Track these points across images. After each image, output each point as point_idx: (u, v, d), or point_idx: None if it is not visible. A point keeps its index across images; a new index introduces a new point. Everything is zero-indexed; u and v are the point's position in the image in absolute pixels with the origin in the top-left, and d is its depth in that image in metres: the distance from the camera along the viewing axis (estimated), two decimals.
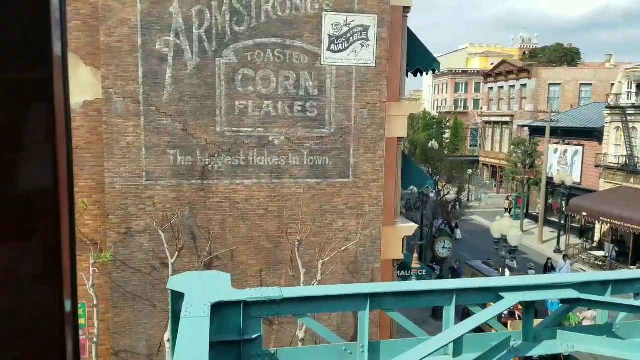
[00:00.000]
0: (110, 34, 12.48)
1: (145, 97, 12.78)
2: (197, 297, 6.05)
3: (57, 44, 0.72)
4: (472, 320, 5.88)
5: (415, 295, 6.45)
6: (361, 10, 13.67)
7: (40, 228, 0.77)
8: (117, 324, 13.31)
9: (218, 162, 13.39)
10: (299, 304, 6.29)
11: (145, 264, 13.27)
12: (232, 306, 5.98)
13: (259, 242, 13.87)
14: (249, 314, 6.07)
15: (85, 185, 13.47)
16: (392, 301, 6.36)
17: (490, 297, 6.39)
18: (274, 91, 13.49)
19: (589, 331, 6.54)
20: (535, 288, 6.32)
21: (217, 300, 5.95)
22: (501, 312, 6.24)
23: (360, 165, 14.14)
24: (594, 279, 6.53)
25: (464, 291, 6.39)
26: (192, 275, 7.99)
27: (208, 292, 6.40)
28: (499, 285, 6.38)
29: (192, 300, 5.95)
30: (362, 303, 6.24)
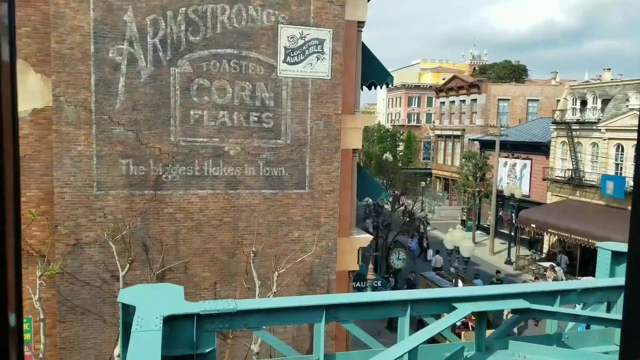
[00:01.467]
0: (62, 41, 12.20)
1: (97, 106, 12.53)
2: (148, 310, 5.94)
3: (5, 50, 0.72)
4: (426, 331, 5.98)
5: (370, 307, 6.52)
6: (317, 24, 13.83)
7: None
8: (65, 339, 12.88)
9: (172, 172, 13.21)
10: (253, 316, 6.26)
11: (95, 277, 12.91)
12: (184, 319, 5.90)
13: (213, 254, 13.73)
14: (202, 327, 6.00)
15: (33, 195, 13.04)
16: (348, 313, 6.41)
17: (444, 307, 6.52)
18: (229, 101, 13.46)
19: (540, 341, 6.75)
20: (487, 298, 6.49)
21: (169, 314, 5.86)
22: (454, 322, 6.37)
23: (316, 177, 14.22)
24: (543, 289, 6.76)
25: (418, 302, 6.50)
26: (144, 287, 7.85)
27: (160, 305, 6.30)
28: (452, 296, 6.52)
29: (143, 313, 5.84)
30: (317, 315, 6.26)
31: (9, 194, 0.74)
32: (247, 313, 6.19)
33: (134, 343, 5.12)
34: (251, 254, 13.00)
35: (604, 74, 64.43)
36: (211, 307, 6.13)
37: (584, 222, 28.98)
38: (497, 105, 53.18)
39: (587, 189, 32.67)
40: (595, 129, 32.39)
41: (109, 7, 12.40)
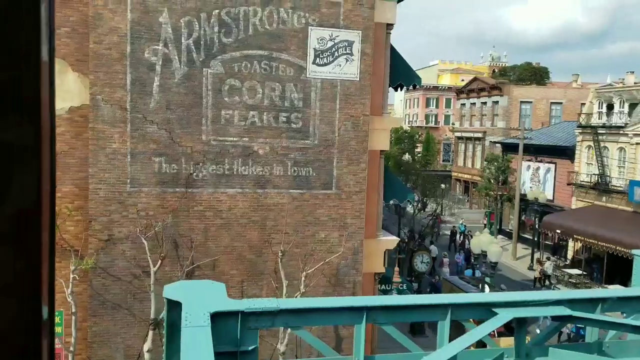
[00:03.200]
0: (100, 42, 12.51)
1: (132, 105, 12.81)
2: (195, 306, 6.11)
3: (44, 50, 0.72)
4: (469, 336, 6.04)
5: (410, 310, 6.60)
6: (346, 26, 13.96)
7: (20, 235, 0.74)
8: (95, 333, 13.18)
9: (202, 171, 13.45)
10: (295, 315, 6.38)
11: (126, 272, 13.20)
12: (229, 316, 6.04)
13: (241, 252, 13.93)
14: (245, 325, 6.14)
15: (68, 190, 13.38)
16: (388, 315, 6.50)
17: (484, 312, 6.56)
18: (259, 102, 13.65)
19: (580, 349, 6.75)
20: (528, 304, 6.52)
21: (215, 310, 6.03)
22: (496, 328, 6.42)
23: (343, 177, 14.35)
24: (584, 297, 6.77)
25: (458, 306, 6.55)
26: (188, 284, 8.05)
27: (205, 301, 6.47)
28: (492, 301, 6.56)
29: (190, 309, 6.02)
30: (358, 316, 6.37)
31: (45, 193, 0.77)
32: (290, 312, 6.31)
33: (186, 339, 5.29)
34: (279, 253, 13.16)
35: (627, 76, 63.69)
36: (255, 305, 6.28)
37: (612, 228, 28.61)
38: (520, 107, 52.69)
39: (613, 195, 32.27)
40: (622, 134, 32.00)
41: (146, 8, 12.67)
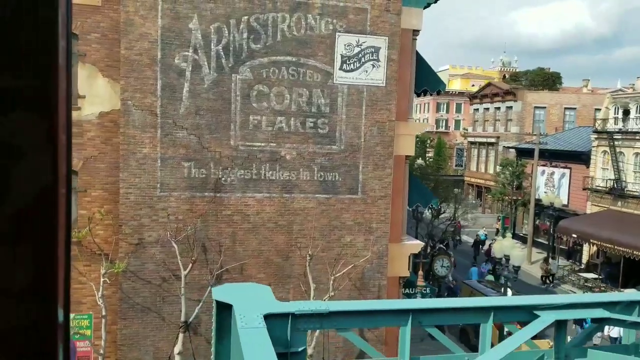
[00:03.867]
0: (131, 47, 12.69)
1: (163, 110, 12.98)
2: (248, 308, 6.23)
3: (62, 53, 0.73)
4: (514, 339, 6.12)
5: (454, 312, 6.70)
6: (373, 32, 14.08)
7: (36, 237, 0.75)
8: (125, 336, 13.32)
9: (231, 176, 13.58)
10: (343, 317, 6.49)
11: (156, 276, 13.34)
12: (280, 318, 6.16)
13: (268, 256, 14.04)
14: (295, 327, 6.25)
15: (97, 195, 13.56)
16: (432, 318, 6.61)
17: (526, 315, 6.65)
18: (287, 107, 13.78)
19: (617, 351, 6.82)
20: (568, 307, 6.60)
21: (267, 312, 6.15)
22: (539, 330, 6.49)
23: (369, 182, 14.44)
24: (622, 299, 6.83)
25: (501, 309, 6.65)
26: (235, 286, 8.19)
27: (256, 303, 6.60)
28: (534, 304, 6.64)
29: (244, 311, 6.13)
30: (404, 318, 6.47)
31: (61, 194, 0.76)
32: (338, 314, 6.42)
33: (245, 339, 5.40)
34: (307, 257, 13.26)
35: (637, 82, 63.45)
36: (305, 308, 6.40)
37: (628, 233, 28.50)
38: (533, 113, 52.59)
39: (629, 200, 32.13)
40: (638, 139, 31.89)
41: (176, 15, 12.85)
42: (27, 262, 0.75)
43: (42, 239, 0.75)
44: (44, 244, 0.75)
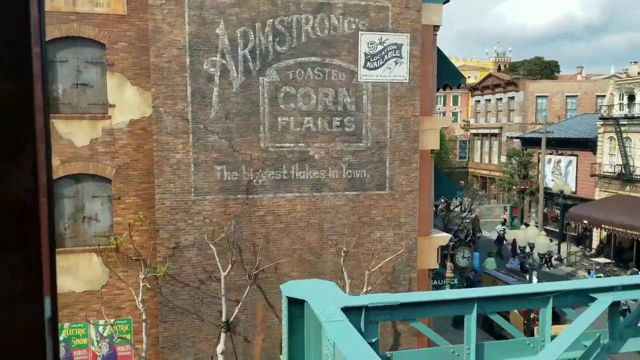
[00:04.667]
0: (160, 55, 12.89)
1: (194, 115, 13.18)
2: (324, 302, 6.47)
3: (36, 60, 0.73)
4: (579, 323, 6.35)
5: (516, 299, 6.94)
6: (395, 30, 14.29)
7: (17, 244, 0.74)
8: (166, 339, 13.54)
9: (262, 177, 13.80)
10: (412, 308, 6.73)
11: (194, 278, 13.56)
12: (355, 311, 6.40)
13: (301, 254, 14.26)
14: (368, 319, 6.50)
15: (131, 201, 13.77)
16: (495, 305, 6.85)
17: (583, 299, 6.90)
18: (314, 107, 14.00)
19: None
20: (626, 288, 6.85)
21: (343, 306, 6.39)
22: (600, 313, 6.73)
23: (396, 178, 14.67)
24: None
25: (559, 294, 6.89)
26: (302, 283, 8.42)
27: (329, 298, 6.85)
28: (591, 287, 6.89)
29: (321, 306, 6.38)
30: (469, 307, 6.72)
31: (42, 200, 0.75)
32: (407, 306, 6.65)
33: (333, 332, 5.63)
34: (342, 253, 13.48)
35: (630, 67, 63.84)
36: (377, 300, 6.64)
37: (639, 217, 28.84)
38: (536, 102, 52.87)
39: (637, 184, 32.41)
40: None
41: (203, 21, 13.04)
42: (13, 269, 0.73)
43: (23, 247, 0.74)
44: (26, 252, 0.74)
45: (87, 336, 13.77)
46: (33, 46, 0.73)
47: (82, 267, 13.57)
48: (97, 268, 13.67)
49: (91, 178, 13.57)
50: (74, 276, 13.52)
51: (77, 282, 13.57)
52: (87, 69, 13.32)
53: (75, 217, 13.58)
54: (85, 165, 13.35)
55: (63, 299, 13.52)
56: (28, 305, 0.76)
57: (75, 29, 13.06)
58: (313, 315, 6.78)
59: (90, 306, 13.70)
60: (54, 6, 12.90)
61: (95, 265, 13.66)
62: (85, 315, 13.46)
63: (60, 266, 13.44)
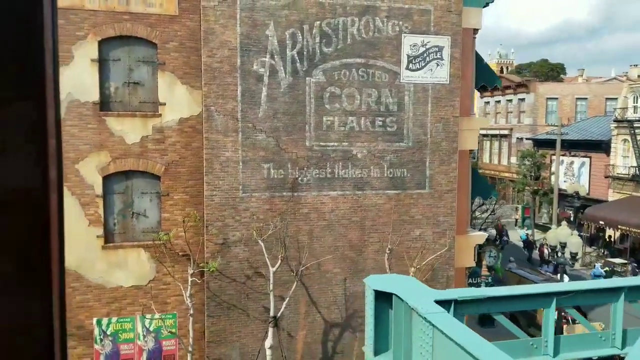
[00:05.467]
0: (212, 55, 13.18)
1: (243, 114, 13.48)
2: (418, 296, 6.80)
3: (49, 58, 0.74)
4: None
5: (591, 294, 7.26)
6: (436, 32, 14.60)
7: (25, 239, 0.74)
8: (213, 333, 13.84)
9: (307, 175, 14.10)
10: (497, 302, 7.05)
11: (240, 274, 13.86)
12: (445, 304, 6.72)
13: (343, 251, 14.56)
14: (457, 312, 6.82)
15: (179, 198, 14.06)
16: (572, 299, 7.17)
17: None
18: (357, 107, 14.30)
19: None
20: None
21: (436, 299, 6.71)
22: None
23: (436, 177, 14.97)
24: None
25: (632, 288, 7.21)
26: (385, 277, 8.75)
27: (418, 292, 7.17)
28: None
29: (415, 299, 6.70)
30: (548, 301, 7.04)
31: (53, 200, 0.76)
32: (493, 300, 6.98)
33: (440, 323, 5.93)
34: (387, 250, 13.78)
35: (630, 70, 63.97)
36: (465, 294, 6.96)
37: None
38: (546, 104, 53.21)
39: None
40: None
41: (254, 22, 13.34)
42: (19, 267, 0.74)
43: (33, 242, 0.74)
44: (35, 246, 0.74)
45: (133, 330, 14.06)
46: (46, 45, 0.74)
47: (131, 262, 13.86)
48: (145, 263, 13.96)
49: (140, 175, 13.86)
50: (122, 271, 13.82)
51: (126, 277, 13.87)
52: (138, 67, 13.61)
53: (125, 213, 13.87)
54: (135, 162, 13.64)
55: (111, 294, 13.83)
56: (32, 302, 0.75)
57: (129, 29, 13.35)
58: (404, 306, 7.10)
59: (138, 301, 14.00)
60: (108, 6, 13.19)
61: (143, 260, 13.95)
62: (141, 308, 13.75)
63: (110, 261, 13.75)
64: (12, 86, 0.74)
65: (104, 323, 13.81)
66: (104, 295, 13.76)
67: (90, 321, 13.71)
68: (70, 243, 13.41)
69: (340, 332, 14.74)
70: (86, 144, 13.29)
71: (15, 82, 0.74)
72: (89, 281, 13.60)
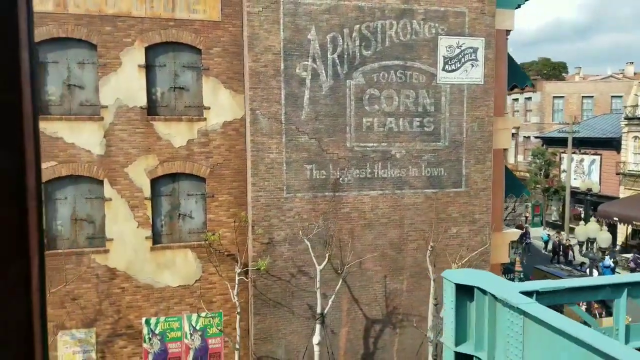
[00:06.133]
0: (257, 60, 13.52)
1: (287, 117, 13.82)
2: (503, 289, 7.15)
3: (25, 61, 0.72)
4: None
5: None
6: (471, 34, 14.95)
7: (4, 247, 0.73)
8: (260, 331, 14.15)
9: (347, 175, 14.43)
10: (574, 293, 7.40)
11: (285, 272, 14.18)
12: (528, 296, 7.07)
13: (383, 250, 14.89)
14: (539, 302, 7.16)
15: (224, 199, 14.39)
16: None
17: None
18: (396, 109, 14.64)
19: None
20: None
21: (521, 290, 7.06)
22: None
23: (471, 176, 15.32)
24: None
25: None
26: (462, 271, 9.09)
27: (503, 284, 7.53)
28: None
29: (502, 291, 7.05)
30: (620, 292, 7.39)
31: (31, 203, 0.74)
32: (571, 290, 7.32)
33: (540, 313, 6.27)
34: (429, 248, 14.12)
35: (626, 67, 64.23)
36: (547, 285, 7.31)
37: None
38: (552, 102, 53.68)
39: None
40: None
41: (296, 27, 13.68)
42: None
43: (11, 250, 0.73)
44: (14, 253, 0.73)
45: (181, 329, 14.37)
46: (21, 48, 0.72)
47: (178, 262, 14.18)
48: (191, 263, 14.28)
49: (186, 177, 14.18)
50: (170, 271, 14.14)
51: (173, 277, 14.18)
52: (183, 73, 13.94)
53: (172, 215, 14.19)
54: (182, 165, 13.97)
55: (160, 294, 14.14)
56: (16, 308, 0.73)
57: (174, 35, 13.68)
58: (487, 298, 7.45)
59: (184, 300, 14.31)
60: (154, 13, 13.52)
61: (190, 260, 14.27)
62: (188, 308, 14.07)
63: (158, 262, 14.07)
64: None
65: (152, 322, 14.11)
66: (152, 295, 14.07)
67: (139, 321, 14.02)
68: (120, 245, 13.73)
69: (381, 328, 15.06)
70: (135, 148, 13.60)
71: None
72: (137, 282, 13.92)
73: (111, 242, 13.62)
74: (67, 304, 13.49)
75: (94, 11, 13.14)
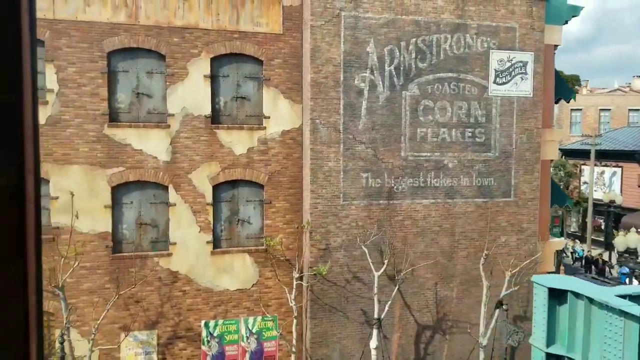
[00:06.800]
0: (318, 71, 13.97)
1: (345, 127, 14.24)
2: (600, 293, 7.53)
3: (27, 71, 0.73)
4: None
5: None
6: (521, 48, 15.38)
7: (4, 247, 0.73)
8: (316, 335, 14.49)
9: (401, 184, 14.82)
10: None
11: (340, 278, 14.54)
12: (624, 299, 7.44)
13: (434, 257, 15.24)
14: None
15: (281, 206, 14.79)
16: None
17: None
18: (449, 119, 15.05)
19: None
20: None
21: (618, 294, 7.45)
22: None
23: (520, 186, 15.68)
24: None
25: None
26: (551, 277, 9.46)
27: (592, 288, 7.91)
28: None
29: (599, 295, 7.43)
30: None
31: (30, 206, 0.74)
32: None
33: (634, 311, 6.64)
34: (483, 256, 14.45)
35: (633, 80, 64.52)
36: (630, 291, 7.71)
37: None
38: (570, 115, 54.03)
39: None
40: None
41: (356, 40, 14.14)
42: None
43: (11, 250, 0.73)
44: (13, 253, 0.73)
45: (238, 332, 14.73)
46: (23, 49, 0.73)
47: (237, 266, 14.56)
48: (249, 268, 14.66)
49: (245, 184, 14.60)
50: (229, 275, 14.52)
51: (231, 281, 14.56)
52: (245, 83, 14.40)
53: (231, 220, 14.59)
54: (242, 172, 14.39)
55: (218, 297, 14.51)
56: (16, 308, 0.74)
57: (238, 46, 14.15)
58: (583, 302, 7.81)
59: (242, 303, 14.68)
60: (220, 25, 14.01)
61: (247, 265, 14.65)
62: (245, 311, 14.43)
63: (218, 266, 14.45)
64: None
65: (211, 325, 14.48)
66: (212, 299, 14.44)
67: (199, 324, 14.39)
68: (183, 249, 14.13)
69: (432, 334, 15.38)
70: (198, 155, 14.04)
71: None
72: (198, 285, 14.30)
73: (174, 246, 14.03)
74: (131, 306, 13.88)
75: (164, 23, 13.64)
